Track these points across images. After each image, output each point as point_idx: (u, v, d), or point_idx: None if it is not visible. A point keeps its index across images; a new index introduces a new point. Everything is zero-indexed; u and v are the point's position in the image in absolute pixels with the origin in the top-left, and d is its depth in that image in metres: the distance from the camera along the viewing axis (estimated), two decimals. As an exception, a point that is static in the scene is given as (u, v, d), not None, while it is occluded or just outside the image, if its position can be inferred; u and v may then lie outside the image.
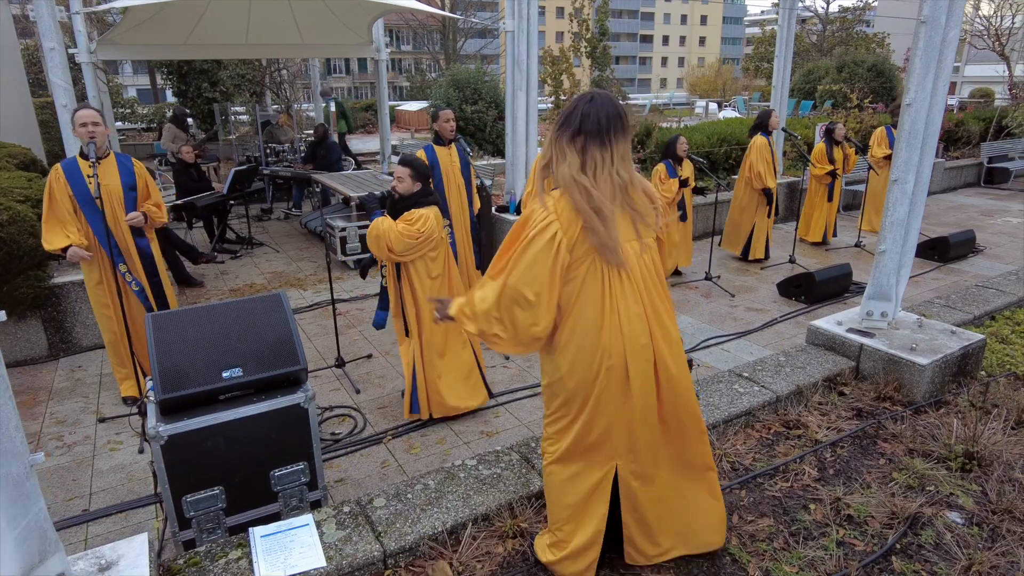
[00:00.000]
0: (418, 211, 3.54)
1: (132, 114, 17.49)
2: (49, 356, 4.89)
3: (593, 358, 2.07)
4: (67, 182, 3.76)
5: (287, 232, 8.81)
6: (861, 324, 3.97)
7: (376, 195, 3.79)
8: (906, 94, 3.47)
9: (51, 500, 3.27)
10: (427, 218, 3.52)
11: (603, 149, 2.00)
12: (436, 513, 2.48)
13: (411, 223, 3.51)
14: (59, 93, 4.78)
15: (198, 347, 2.64)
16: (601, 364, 2.06)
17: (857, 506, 2.66)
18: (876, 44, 27.46)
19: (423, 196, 3.60)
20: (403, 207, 3.58)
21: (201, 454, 2.58)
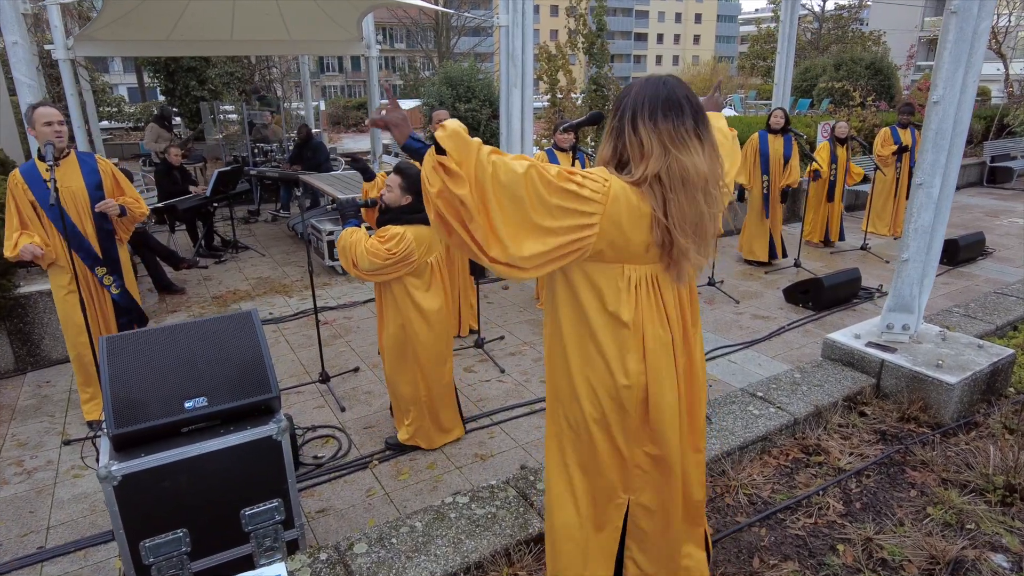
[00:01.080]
0: (394, 228, 3.11)
1: (119, 113, 17.13)
2: (15, 371, 4.60)
3: (616, 380, 1.76)
4: (27, 187, 3.48)
5: (274, 235, 8.51)
6: (881, 338, 3.72)
7: (357, 201, 3.44)
8: (933, 90, 3.21)
9: (4, 536, 2.99)
10: (402, 238, 3.08)
11: (710, 142, 1.67)
12: (423, 561, 2.21)
13: (382, 240, 3.11)
14: (24, 91, 4.48)
15: (158, 374, 2.36)
16: (617, 391, 1.77)
17: (891, 548, 2.41)
18: (872, 42, 27.27)
19: (408, 212, 3.18)
20: (383, 220, 3.21)
21: (161, 493, 2.30)
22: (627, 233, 1.64)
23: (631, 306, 1.72)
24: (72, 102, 6.32)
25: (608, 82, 7.81)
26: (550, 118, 8.41)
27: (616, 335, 1.75)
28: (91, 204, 3.61)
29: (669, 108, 1.64)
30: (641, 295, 1.73)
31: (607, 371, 1.77)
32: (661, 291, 1.75)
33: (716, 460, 2.88)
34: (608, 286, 1.73)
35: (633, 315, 1.73)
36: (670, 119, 1.63)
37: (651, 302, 1.74)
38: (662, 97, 1.65)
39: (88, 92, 9.73)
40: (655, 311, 1.75)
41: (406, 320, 3.30)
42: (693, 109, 1.65)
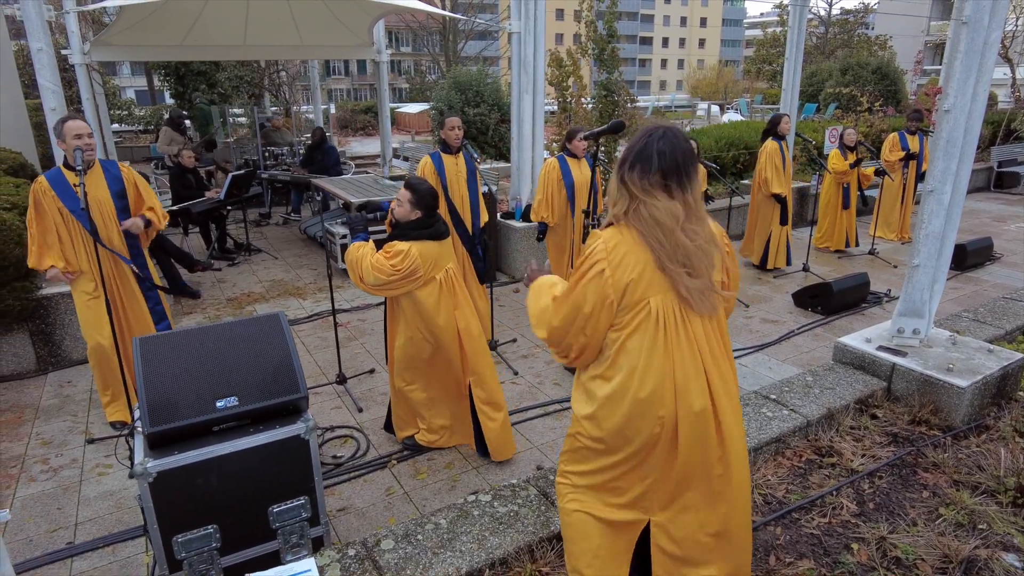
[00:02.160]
0: (400, 244, 3.11)
1: (129, 116, 17.27)
2: (37, 371, 4.68)
3: (637, 421, 1.86)
4: (55, 195, 3.54)
5: (286, 238, 8.60)
6: (892, 342, 3.77)
7: (365, 216, 3.46)
8: (944, 99, 3.26)
9: (34, 531, 3.06)
10: (407, 254, 3.09)
11: (683, 190, 1.82)
12: (449, 557, 2.27)
13: (388, 256, 3.13)
14: (47, 96, 4.57)
15: (190, 374, 2.42)
16: (644, 428, 1.86)
17: (904, 547, 2.46)
18: (878, 47, 27.32)
19: (416, 227, 3.18)
20: (391, 236, 3.21)
21: (193, 490, 2.37)
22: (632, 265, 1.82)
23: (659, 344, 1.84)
24: (87, 106, 6.43)
25: (618, 88, 7.87)
26: (560, 123, 8.47)
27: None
28: (116, 212, 3.69)
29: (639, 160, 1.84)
30: (669, 328, 1.83)
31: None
32: (689, 322, 1.86)
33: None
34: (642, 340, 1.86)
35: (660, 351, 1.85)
36: (635, 170, 1.84)
37: (679, 334, 1.84)
38: (635, 150, 1.87)
39: (101, 96, 9.85)
40: (684, 342, 1.85)
41: (415, 332, 3.33)
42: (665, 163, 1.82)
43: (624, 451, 1.91)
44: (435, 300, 3.27)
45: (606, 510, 1.97)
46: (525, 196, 6.75)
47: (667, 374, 1.84)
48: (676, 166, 1.81)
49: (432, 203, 3.21)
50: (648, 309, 1.83)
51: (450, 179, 4.82)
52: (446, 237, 3.29)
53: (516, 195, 6.89)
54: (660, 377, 1.84)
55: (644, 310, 1.83)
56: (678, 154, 1.81)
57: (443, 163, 4.81)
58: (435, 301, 3.27)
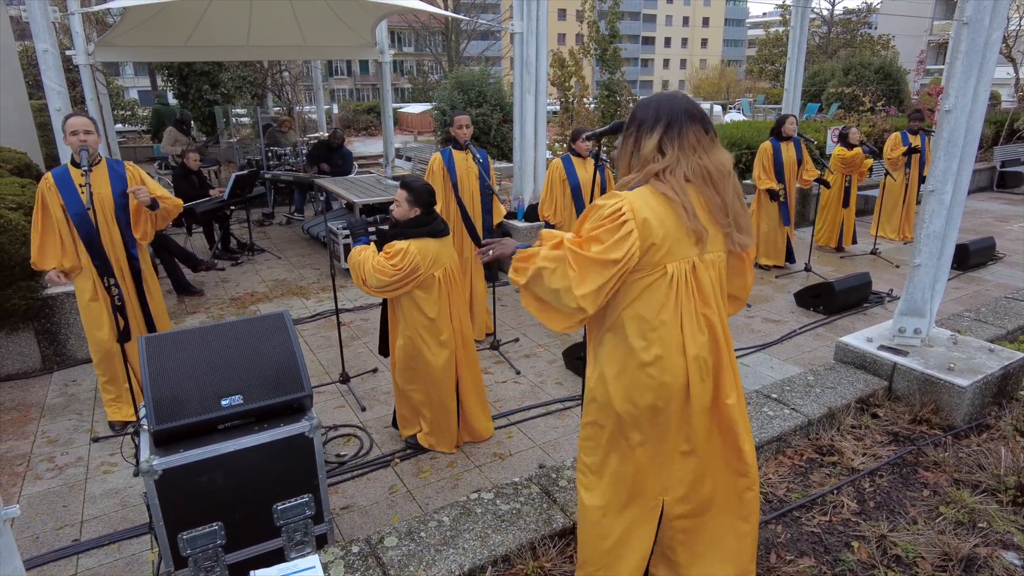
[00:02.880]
0: (399, 243, 3.11)
1: (132, 116, 17.32)
2: (42, 370, 4.71)
3: (652, 383, 1.87)
4: (58, 191, 3.57)
5: (289, 238, 8.62)
6: (893, 341, 3.78)
7: (365, 219, 3.48)
8: (945, 99, 3.28)
9: (40, 529, 3.08)
10: (405, 252, 3.09)
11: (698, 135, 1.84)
12: (452, 554, 2.29)
13: (388, 256, 3.13)
14: (53, 96, 4.60)
15: (195, 372, 2.45)
16: (661, 390, 1.88)
17: (905, 545, 2.47)
18: (881, 46, 27.27)
19: (414, 225, 3.19)
20: (390, 236, 3.21)
21: (198, 488, 2.39)
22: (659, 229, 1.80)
23: (671, 308, 1.85)
24: (91, 106, 6.48)
25: (620, 88, 7.89)
26: (563, 123, 8.49)
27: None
28: (115, 211, 3.69)
29: (689, 118, 1.84)
30: (681, 291, 1.85)
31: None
32: (698, 280, 1.87)
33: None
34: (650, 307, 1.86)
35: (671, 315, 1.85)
36: (691, 129, 1.84)
37: (689, 294, 1.86)
38: (681, 109, 1.85)
39: (105, 96, 9.90)
40: (693, 303, 1.87)
41: (414, 333, 3.34)
42: (703, 118, 1.87)
43: (627, 425, 1.93)
44: (433, 299, 3.29)
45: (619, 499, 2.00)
46: (527, 196, 6.77)
47: (676, 341, 1.85)
48: (706, 117, 1.85)
49: (429, 200, 3.21)
50: (664, 272, 1.83)
51: (460, 176, 4.84)
52: (445, 235, 3.29)
53: (518, 195, 6.91)
54: (672, 342, 1.85)
55: (660, 273, 1.83)
56: (679, 108, 1.84)
57: (453, 160, 4.82)
58: (433, 300, 3.29)
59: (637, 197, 1.80)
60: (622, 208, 1.77)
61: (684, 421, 1.92)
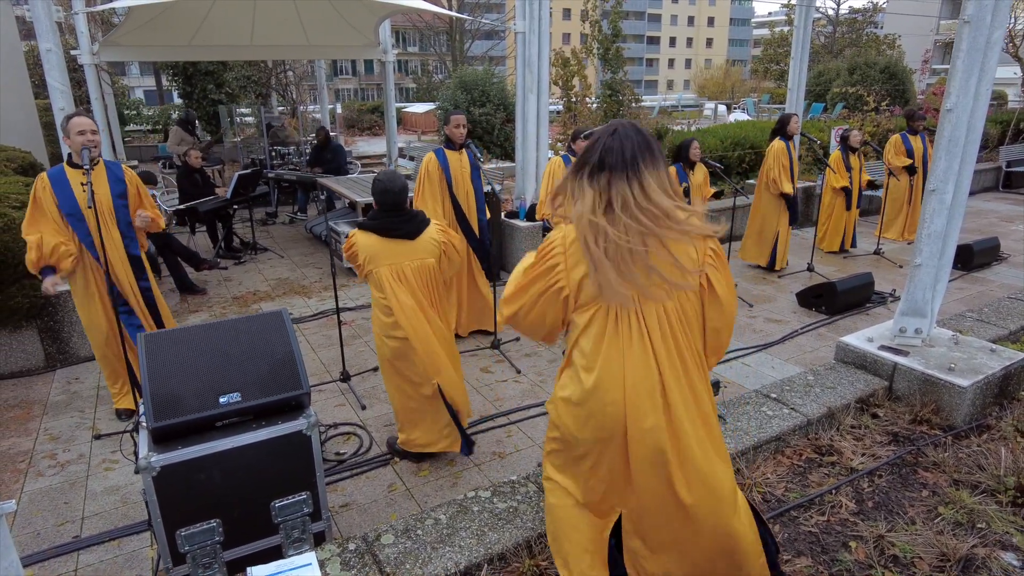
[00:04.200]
0: (353, 230, 3.29)
1: (137, 116, 17.39)
2: (46, 367, 4.73)
3: (592, 413, 1.88)
4: (53, 192, 3.58)
5: (292, 237, 8.65)
6: (894, 341, 3.77)
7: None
8: (946, 99, 3.26)
9: (41, 525, 3.10)
10: (353, 240, 3.23)
11: (630, 184, 1.78)
12: (448, 552, 2.29)
13: (347, 239, 3.30)
14: (56, 96, 4.62)
15: (194, 370, 2.46)
16: (597, 431, 1.88)
17: (903, 545, 2.46)
18: (887, 46, 27.17)
19: (370, 218, 3.26)
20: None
21: (196, 485, 2.40)
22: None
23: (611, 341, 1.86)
24: (96, 106, 6.50)
25: (623, 87, 7.88)
26: (565, 123, 8.49)
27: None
28: (115, 211, 3.72)
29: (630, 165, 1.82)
30: (622, 327, 1.84)
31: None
32: (646, 327, 1.85)
33: (731, 459, 2.94)
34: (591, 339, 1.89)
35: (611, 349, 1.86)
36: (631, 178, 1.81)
37: (631, 336, 1.84)
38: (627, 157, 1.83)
39: (110, 96, 9.94)
40: (637, 346, 1.84)
41: (377, 331, 3.34)
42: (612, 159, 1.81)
43: (578, 449, 1.94)
44: (378, 297, 3.26)
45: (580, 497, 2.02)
46: (529, 195, 6.77)
47: (616, 376, 1.84)
48: (624, 161, 1.79)
49: (383, 199, 3.18)
50: (602, 307, 1.85)
51: (455, 175, 4.85)
52: (398, 236, 3.19)
53: (521, 194, 6.91)
54: (609, 377, 1.84)
55: (596, 307, 1.86)
56: (626, 149, 1.79)
57: (447, 159, 4.83)
58: (377, 299, 3.26)
59: (568, 234, 1.87)
60: (554, 243, 1.90)
61: (623, 464, 1.91)
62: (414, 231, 3.23)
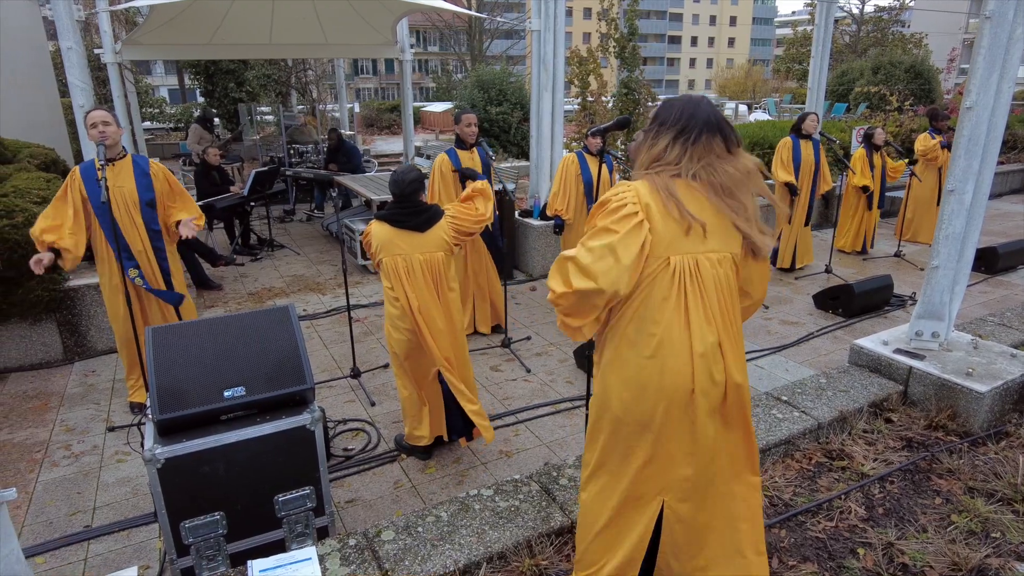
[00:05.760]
0: (372, 220, 3.38)
1: (160, 114, 17.66)
2: (64, 360, 4.82)
3: (652, 380, 1.84)
4: (82, 185, 3.67)
5: (309, 234, 8.71)
6: (910, 344, 3.69)
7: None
8: (967, 96, 3.18)
9: (54, 514, 3.15)
10: (369, 230, 3.35)
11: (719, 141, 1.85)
12: (448, 550, 2.29)
13: (366, 229, 3.41)
14: (77, 93, 4.70)
15: (199, 364, 2.48)
16: (662, 389, 1.83)
17: (913, 553, 2.41)
18: (913, 44, 26.66)
19: (385, 209, 3.40)
20: None
21: (201, 478, 2.42)
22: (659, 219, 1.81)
23: (673, 303, 1.83)
24: (119, 103, 6.60)
25: (639, 86, 7.82)
26: (581, 121, 8.45)
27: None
28: (140, 205, 3.79)
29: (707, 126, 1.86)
30: (687, 286, 1.83)
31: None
32: (702, 277, 1.84)
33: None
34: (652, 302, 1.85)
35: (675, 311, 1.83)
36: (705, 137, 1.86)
37: (695, 291, 1.83)
38: (702, 116, 1.87)
39: (132, 94, 10.10)
40: (700, 300, 1.84)
41: (386, 323, 3.41)
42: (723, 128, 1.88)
43: (633, 425, 1.89)
44: (387, 288, 3.34)
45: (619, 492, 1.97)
46: (543, 194, 6.74)
47: (680, 341, 1.82)
48: (726, 127, 1.86)
49: (393, 191, 3.31)
50: (667, 264, 1.82)
51: None
52: (407, 228, 3.27)
53: (535, 193, 6.89)
54: (671, 344, 1.82)
55: (663, 265, 1.82)
56: (702, 114, 1.86)
57: (459, 159, 4.83)
58: (387, 290, 3.34)
59: (640, 186, 1.85)
60: (625, 199, 1.82)
61: (688, 424, 1.87)
62: (423, 224, 3.29)
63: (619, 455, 1.96)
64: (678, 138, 1.85)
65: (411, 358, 3.39)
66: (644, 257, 1.80)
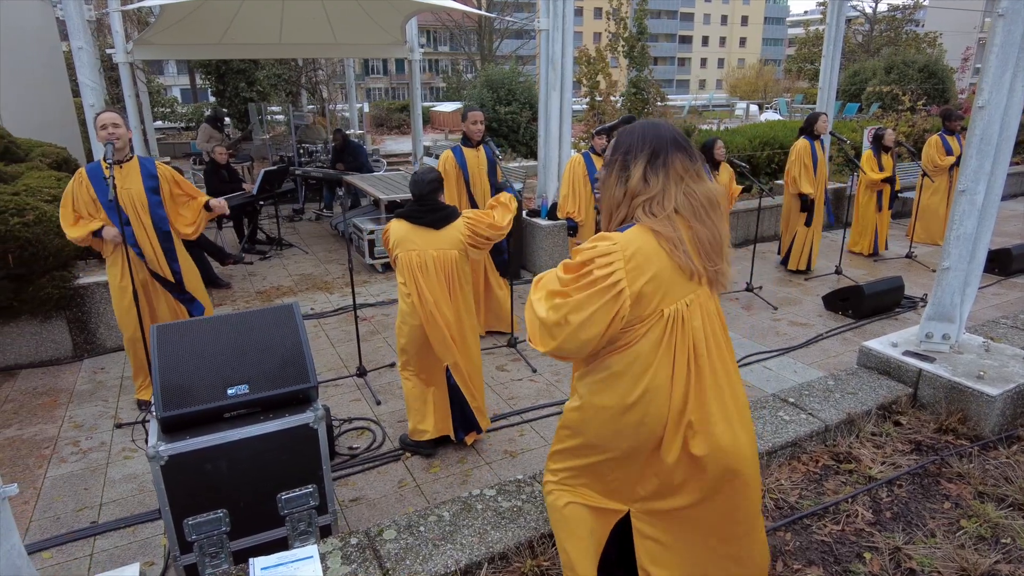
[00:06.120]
0: (392, 219, 3.47)
1: (172, 113, 17.78)
2: (73, 357, 4.86)
3: (631, 418, 1.80)
4: (90, 184, 3.70)
5: (318, 233, 8.75)
6: (920, 347, 3.64)
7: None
8: (979, 95, 3.14)
9: (61, 510, 3.18)
10: (387, 227, 3.45)
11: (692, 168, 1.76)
12: (450, 550, 2.28)
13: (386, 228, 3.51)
14: (87, 93, 4.75)
15: (203, 362, 2.49)
16: (638, 427, 1.81)
17: (920, 558, 2.37)
18: (927, 44, 26.40)
19: (404, 207, 3.46)
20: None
21: (204, 475, 2.43)
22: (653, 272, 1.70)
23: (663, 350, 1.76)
24: (130, 103, 6.64)
25: (648, 85, 7.79)
26: (589, 121, 8.43)
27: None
28: (149, 206, 3.82)
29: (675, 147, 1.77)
30: (677, 333, 1.75)
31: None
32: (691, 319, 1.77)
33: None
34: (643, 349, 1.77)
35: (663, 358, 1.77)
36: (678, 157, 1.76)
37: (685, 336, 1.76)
38: (667, 138, 1.78)
39: (144, 94, 10.19)
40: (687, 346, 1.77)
41: (398, 319, 3.48)
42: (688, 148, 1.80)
43: (607, 453, 1.88)
44: (401, 281, 3.40)
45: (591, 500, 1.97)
46: (551, 194, 6.73)
47: (663, 388, 1.77)
48: (691, 148, 1.78)
49: (415, 189, 3.38)
50: (661, 316, 1.73)
51: (472, 172, 4.84)
52: (422, 224, 3.33)
53: (543, 192, 6.88)
54: (656, 389, 1.76)
55: (656, 319, 1.73)
56: (683, 139, 1.78)
57: (464, 157, 4.83)
58: (401, 282, 3.40)
59: (628, 242, 1.69)
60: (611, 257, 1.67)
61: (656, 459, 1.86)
62: (439, 222, 3.36)
63: (589, 478, 1.97)
64: (652, 163, 1.74)
65: (419, 354, 3.45)
66: (617, 322, 1.70)
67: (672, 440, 1.80)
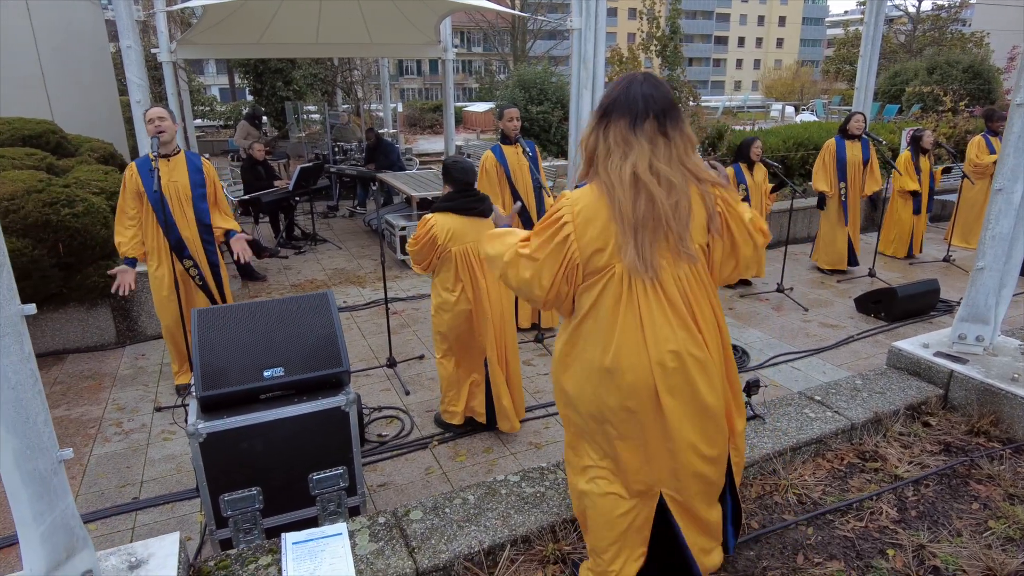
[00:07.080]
0: (427, 215, 3.35)
1: (211, 112, 18.26)
2: (117, 343, 5.06)
3: (607, 384, 1.83)
4: (138, 177, 3.87)
5: (351, 230, 8.92)
6: (952, 348, 3.59)
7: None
8: (1016, 92, 3.09)
9: (105, 486, 3.33)
10: (425, 222, 3.31)
11: (677, 131, 1.76)
12: (474, 531, 2.34)
13: (420, 225, 3.36)
14: (134, 90, 4.94)
15: (241, 345, 2.59)
16: (624, 386, 1.82)
17: (945, 556, 2.36)
18: (974, 44, 25.63)
19: (444, 200, 3.39)
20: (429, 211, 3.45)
21: (239, 453, 2.54)
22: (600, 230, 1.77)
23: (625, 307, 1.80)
24: (172, 101, 6.87)
25: (681, 85, 7.76)
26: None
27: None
28: (193, 198, 3.97)
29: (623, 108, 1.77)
30: (637, 290, 1.78)
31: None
32: (662, 284, 1.79)
33: (767, 459, 2.88)
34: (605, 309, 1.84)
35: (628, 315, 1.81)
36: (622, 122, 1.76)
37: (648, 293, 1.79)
38: (613, 97, 1.80)
39: (185, 92, 10.50)
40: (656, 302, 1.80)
41: (435, 305, 3.53)
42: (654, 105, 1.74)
43: (607, 419, 1.89)
44: (448, 273, 3.40)
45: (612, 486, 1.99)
46: (580, 192, 6.76)
47: (635, 344, 1.79)
48: (664, 108, 1.74)
49: (459, 176, 3.35)
50: (613, 273, 1.78)
51: (513, 169, 4.89)
52: (473, 214, 3.35)
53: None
54: (629, 350, 1.79)
55: (609, 274, 1.78)
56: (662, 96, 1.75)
57: (504, 154, 4.89)
58: (448, 274, 3.40)
59: (577, 199, 1.79)
60: (561, 211, 1.80)
61: (659, 421, 1.86)
62: (487, 210, 3.39)
63: (599, 447, 1.97)
64: (601, 122, 1.78)
65: (460, 341, 3.52)
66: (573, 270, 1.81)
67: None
